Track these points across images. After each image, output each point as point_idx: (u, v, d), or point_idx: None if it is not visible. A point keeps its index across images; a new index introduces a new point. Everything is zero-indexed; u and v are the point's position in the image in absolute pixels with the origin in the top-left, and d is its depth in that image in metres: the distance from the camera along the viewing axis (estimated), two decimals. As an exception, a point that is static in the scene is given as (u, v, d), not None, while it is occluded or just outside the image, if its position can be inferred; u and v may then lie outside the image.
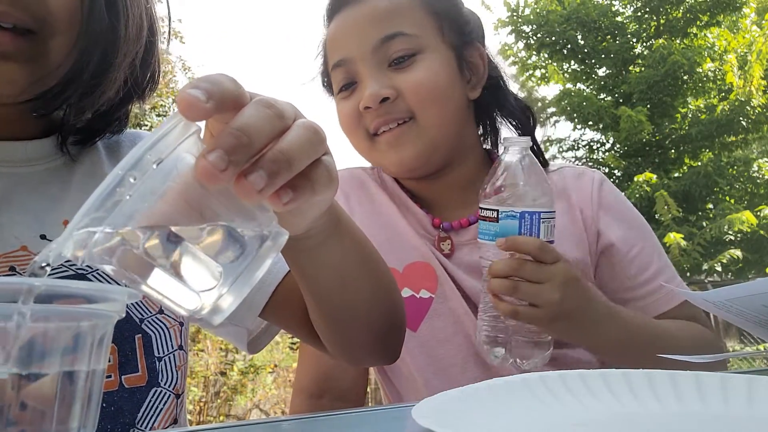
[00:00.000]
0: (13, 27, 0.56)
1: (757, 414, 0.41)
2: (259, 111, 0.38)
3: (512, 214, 0.75)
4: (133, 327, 0.64)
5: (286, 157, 0.38)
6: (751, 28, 9.65)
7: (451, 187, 0.98)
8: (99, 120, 0.68)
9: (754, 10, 9.55)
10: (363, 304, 0.65)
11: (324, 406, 1.00)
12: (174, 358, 0.67)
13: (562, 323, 0.75)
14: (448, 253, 0.95)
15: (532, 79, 10.20)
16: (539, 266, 0.73)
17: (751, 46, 9.13)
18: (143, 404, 0.63)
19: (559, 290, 0.73)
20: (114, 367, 0.62)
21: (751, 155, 9.61)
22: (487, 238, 0.77)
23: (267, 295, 0.71)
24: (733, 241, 8.15)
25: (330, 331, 0.68)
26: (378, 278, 0.66)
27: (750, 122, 8.78)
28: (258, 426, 0.52)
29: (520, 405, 0.43)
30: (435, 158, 0.94)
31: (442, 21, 0.94)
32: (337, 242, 0.58)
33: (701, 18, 9.27)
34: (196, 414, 5.23)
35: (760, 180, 9.24)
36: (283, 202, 0.39)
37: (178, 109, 0.35)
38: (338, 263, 0.60)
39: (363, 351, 0.72)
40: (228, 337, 0.79)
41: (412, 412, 0.37)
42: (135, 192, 0.33)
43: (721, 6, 9.10)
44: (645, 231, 0.98)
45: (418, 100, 0.90)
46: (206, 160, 0.34)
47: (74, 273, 0.63)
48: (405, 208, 0.99)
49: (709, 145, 9.17)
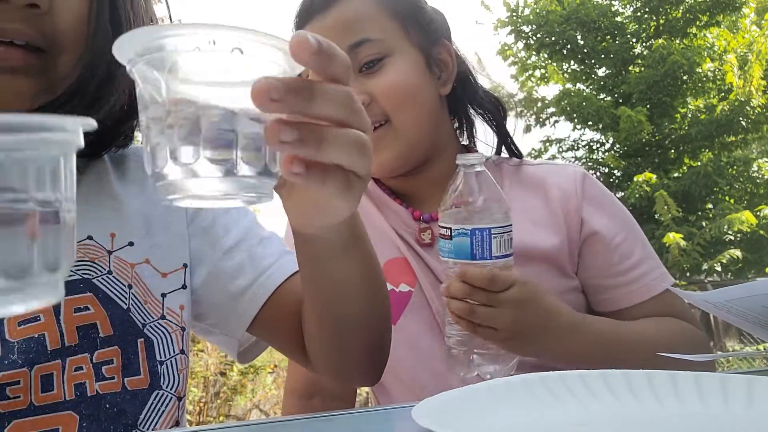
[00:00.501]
0: (25, 44, 0.59)
1: (757, 414, 0.41)
2: (343, 95, 0.41)
3: (464, 231, 0.76)
4: (136, 331, 0.65)
5: (322, 139, 0.39)
6: (750, 28, 9.65)
7: (431, 182, 0.99)
8: (105, 134, 0.69)
9: (754, 10, 9.55)
10: (359, 319, 0.66)
11: (315, 406, 1.01)
12: (176, 362, 0.68)
13: (518, 342, 0.77)
14: (429, 242, 0.97)
15: (532, 79, 10.19)
16: (491, 294, 0.74)
17: (751, 46, 9.14)
18: (145, 406, 0.64)
19: (512, 314, 0.74)
20: (117, 369, 0.63)
21: (750, 155, 9.60)
22: (444, 255, 0.79)
23: (257, 308, 0.72)
24: (733, 241, 8.15)
25: (322, 342, 0.69)
26: (377, 295, 0.67)
27: (750, 122, 8.78)
28: (258, 426, 0.52)
29: (520, 405, 0.43)
30: (414, 157, 0.96)
31: (407, 23, 0.95)
32: (349, 257, 0.59)
33: (701, 18, 9.27)
34: (195, 414, 5.23)
35: (759, 180, 9.23)
36: (292, 170, 0.40)
37: (291, 42, 0.38)
38: (345, 276, 0.61)
39: (351, 368, 0.72)
40: (220, 345, 0.80)
41: (412, 413, 0.37)
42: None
43: (720, 6, 9.09)
44: (628, 221, 0.98)
45: (391, 102, 0.92)
46: (268, 82, 0.36)
47: (80, 278, 0.64)
48: (384, 206, 1.01)
49: (709, 145, 9.17)
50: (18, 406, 0.57)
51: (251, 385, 5.71)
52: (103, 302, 0.64)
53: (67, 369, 0.60)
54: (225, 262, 0.74)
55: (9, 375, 0.57)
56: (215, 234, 0.75)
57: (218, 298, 0.74)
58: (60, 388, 0.59)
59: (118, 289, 0.65)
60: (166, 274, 0.71)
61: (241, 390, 5.59)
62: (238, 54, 0.36)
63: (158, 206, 0.72)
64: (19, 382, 0.58)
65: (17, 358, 0.58)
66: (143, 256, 0.69)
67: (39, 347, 0.59)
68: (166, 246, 0.72)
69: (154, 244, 0.71)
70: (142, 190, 0.73)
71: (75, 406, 0.59)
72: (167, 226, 0.73)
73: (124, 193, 0.72)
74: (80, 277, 0.64)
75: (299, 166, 0.40)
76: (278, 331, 0.75)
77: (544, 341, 0.79)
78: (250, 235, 0.76)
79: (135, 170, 0.75)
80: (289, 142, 0.38)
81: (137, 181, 0.74)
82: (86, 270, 0.65)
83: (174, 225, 0.74)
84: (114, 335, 0.63)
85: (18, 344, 0.59)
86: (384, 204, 1.01)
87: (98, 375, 0.61)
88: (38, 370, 0.59)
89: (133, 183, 0.74)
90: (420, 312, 0.94)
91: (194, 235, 0.75)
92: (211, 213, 0.76)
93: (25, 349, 0.59)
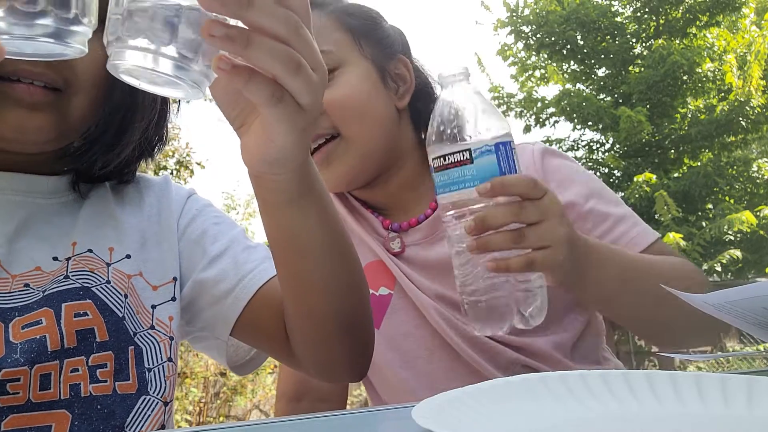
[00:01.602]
0: (44, 85, 0.66)
1: (757, 414, 0.41)
2: (284, 14, 0.45)
3: (487, 148, 0.64)
4: (128, 339, 0.69)
5: (249, 41, 0.44)
6: (750, 29, 9.65)
7: (396, 191, 1.00)
8: (114, 173, 0.78)
9: (754, 10, 9.55)
10: (326, 283, 0.65)
11: (304, 408, 1.03)
12: (163, 369, 0.71)
13: (572, 260, 0.69)
14: (398, 251, 0.97)
15: (532, 79, 10.20)
16: (536, 204, 0.66)
17: (751, 47, 9.13)
18: (133, 410, 0.66)
19: (561, 223, 0.67)
20: (110, 373, 0.66)
21: (750, 155, 9.61)
22: (461, 186, 0.65)
23: (240, 309, 0.74)
24: (733, 241, 8.15)
25: (297, 318, 0.69)
26: (342, 257, 0.66)
27: (749, 122, 8.77)
28: (258, 427, 0.52)
29: (520, 405, 0.43)
30: (368, 168, 0.96)
31: (359, 37, 0.96)
32: (305, 206, 0.60)
33: (701, 18, 9.27)
34: (195, 415, 5.24)
35: (759, 180, 9.23)
36: (219, 65, 0.45)
37: None
38: (303, 227, 0.61)
39: (332, 356, 0.72)
40: (211, 352, 0.82)
41: (412, 413, 0.37)
42: None
43: (720, 6, 9.10)
44: (596, 186, 0.97)
45: (341, 114, 0.92)
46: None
47: (80, 286, 0.68)
48: (358, 213, 1.02)
49: (709, 145, 9.17)
50: (16, 401, 0.60)
51: (251, 385, 5.71)
52: (101, 309, 0.67)
53: (64, 370, 0.63)
54: (210, 269, 0.77)
55: (10, 372, 0.60)
56: (204, 244, 0.79)
57: (204, 303, 0.77)
58: (56, 388, 0.62)
59: (115, 298, 0.69)
60: (157, 287, 0.74)
61: (241, 390, 5.60)
62: None
63: (153, 224, 0.78)
64: (20, 380, 0.60)
65: (19, 357, 0.61)
66: (138, 269, 0.74)
67: (40, 348, 0.62)
68: (158, 261, 0.76)
69: (147, 259, 0.75)
70: (138, 209, 0.79)
71: (69, 405, 0.62)
72: (160, 241, 0.77)
73: (122, 213, 0.77)
74: (80, 285, 0.68)
75: (226, 63, 0.45)
76: (262, 332, 0.76)
77: (586, 265, 0.72)
78: (236, 244, 0.79)
79: (133, 194, 0.81)
80: (217, 37, 0.43)
81: (134, 202, 0.80)
82: (86, 279, 0.69)
83: (166, 241, 0.78)
84: (109, 341, 0.67)
85: (21, 345, 0.62)
86: (357, 211, 1.03)
87: (92, 377, 0.64)
88: (38, 369, 0.62)
89: (130, 204, 0.79)
90: (401, 314, 0.94)
91: (184, 249, 0.79)
92: (200, 226, 0.80)
93: (27, 350, 0.62)
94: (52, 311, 0.64)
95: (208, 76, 0.46)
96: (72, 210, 0.75)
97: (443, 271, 0.91)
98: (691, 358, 0.78)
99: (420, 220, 0.98)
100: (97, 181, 0.78)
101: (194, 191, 0.86)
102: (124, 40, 0.43)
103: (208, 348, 0.82)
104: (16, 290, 0.65)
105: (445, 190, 0.69)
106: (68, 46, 0.42)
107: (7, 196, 0.71)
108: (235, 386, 5.56)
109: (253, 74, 0.46)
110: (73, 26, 0.41)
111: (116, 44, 0.43)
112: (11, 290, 0.65)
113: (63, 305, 0.65)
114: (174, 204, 0.81)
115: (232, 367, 0.82)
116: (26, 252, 0.68)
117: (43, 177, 0.74)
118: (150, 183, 0.83)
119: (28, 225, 0.70)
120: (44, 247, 0.70)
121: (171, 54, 0.43)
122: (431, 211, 0.98)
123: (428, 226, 0.97)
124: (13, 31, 0.39)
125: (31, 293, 0.66)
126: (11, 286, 0.66)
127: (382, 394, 0.98)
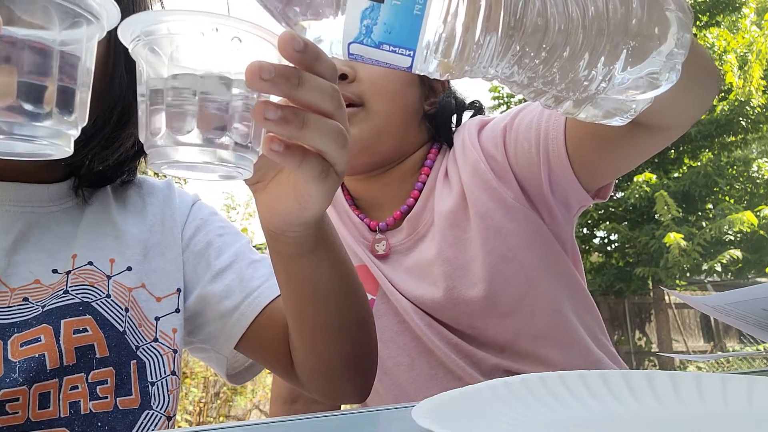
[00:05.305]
0: None
1: (757, 414, 0.41)
2: (330, 88, 0.44)
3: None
4: (130, 353, 0.68)
5: (305, 121, 0.43)
6: (750, 29, 9.65)
7: (388, 184, 1.00)
8: (113, 169, 0.76)
9: (754, 10, 9.56)
10: (336, 326, 0.67)
11: (299, 410, 1.03)
12: (166, 383, 0.70)
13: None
14: (384, 254, 0.97)
15: (532, 79, 10.19)
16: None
17: (751, 47, 9.14)
18: (136, 425, 0.66)
19: None
20: (110, 389, 0.65)
21: (750, 155, 9.61)
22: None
23: (244, 327, 0.75)
24: (733, 242, 8.16)
25: (304, 352, 0.70)
26: (353, 302, 0.67)
27: (749, 122, 8.78)
28: (258, 427, 0.52)
29: (519, 405, 0.43)
30: (376, 148, 0.96)
31: None
32: (320, 258, 0.61)
33: (701, 18, 9.27)
34: (196, 415, 5.24)
35: (759, 180, 9.24)
36: (272, 147, 0.44)
37: (279, 38, 0.42)
38: (316, 277, 0.62)
39: (334, 380, 0.72)
40: (210, 363, 0.82)
41: (412, 413, 0.37)
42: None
43: (720, 6, 9.10)
44: (513, 109, 0.95)
45: (373, 88, 0.93)
46: (261, 64, 0.40)
47: (80, 301, 0.66)
48: (345, 215, 1.03)
49: (709, 145, 9.17)
50: (16, 421, 0.59)
51: (251, 385, 5.71)
52: (101, 325, 0.66)
53: (63, 388, 0.62)
54: (215, 283, 0.77)
55: (9, 392, 0.59)
56: (208, 257, 0.78)
57: (208, 317, 0.77)
58: (56, 406, 0.61)
59: (115, 313, 0.68)
60: (161, 299, 0.73)
61: (241, 390, 5.60)
62: (237, 42, 0.41)
63: (155, 233, 0.76)
64: (19, 399, 0.60)
65: (18, 376, 0.60)
66: (140, 280, 0.72)
67: (39, 367, 0.61)
68: (162, 271, 0.75)
69: (150, 270, 0.74)
70: (141, 218, 0.77)
71: (69, 423, 0.62)
72: (163, 252, 0.76)
73: (124, 222, 0.76)
74: (80, 301, 0.67)
75: (279, 144, 0.44)
76: (266, 350, 0.76)
77: None
78: (241, 258, 0.79)
79: (135, 199, 0.79)
80: (272, 120, 0.41)
81: (137, 210, 0.78)
82: (86, 294, 0.67)
83: (169, 251, 0.77)
84: (110, 356, 0.66)
85: (19, 364, 0.61)
86: (345, 213, 1.03)
87: (92, 394, 0.64)
88: (37, 388, 0.61)
89: (132, 212, 0.78)
90: (383, 320, 0.94)
91: (188, 260, 0.78)
92: (205, 237, 0.80)
93: (25, 369, 0.61)
94: (51, 328, 0.63)
95: (258, 154, 0.44)
96: (73, 217, 0.73)
97: (423, 273, 0.92)
98: (691, 358, 0.78)
99: (403, 211, 0.98)
100: (97, 183, 0.76)
101: (198, 197, 0.85)
102: (171, 136, 0.40)
103: (207, 359, 0.82)
104: (15, 305, 0.64)
105: None
106: (59, 148, 0.39)
107: (6, 208, 0.69)
108: (235, 386, 5.56)
109: (306, 154, 0.46)
110: (71, 130, 0.39)
111: (162, 140, 0.40)
112: (10, 305, 0.64)
113: (62, 321, 0.64)
114: (178, 212, 0.80)
115: (229, 376, 0.82)
116: (25, 264, 0.67)
117: (43, 185, 0.72)
118: (153, 189, 0.82)
119: (27, 236, 0.69)
120: (43, 258, 0.68)
121: (227, 143, 0.41)
122: (413, 200, 0.98)
123: (409, 225, 0.97)
124: (13, 130, 0.36)
125: (31, 308, 0.64)
126: (10, 300, 0.64)
127: (369, 402, 0.98)
